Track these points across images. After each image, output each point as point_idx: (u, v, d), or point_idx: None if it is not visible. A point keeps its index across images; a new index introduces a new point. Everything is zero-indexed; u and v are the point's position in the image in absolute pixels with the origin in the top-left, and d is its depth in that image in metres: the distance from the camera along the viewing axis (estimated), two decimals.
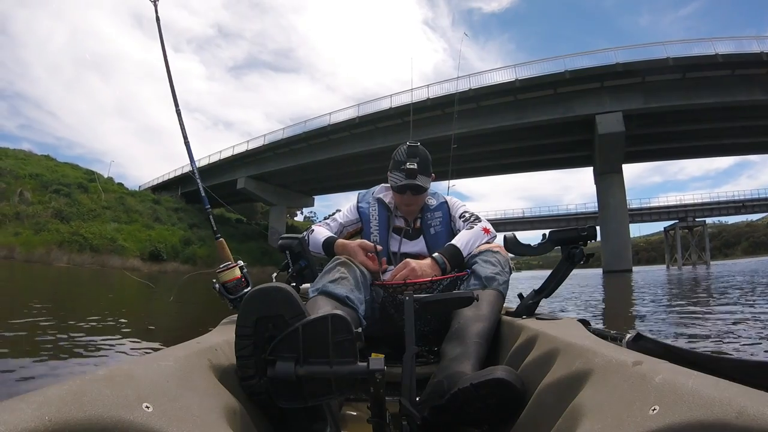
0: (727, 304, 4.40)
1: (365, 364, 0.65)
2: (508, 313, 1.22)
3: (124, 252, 22.23)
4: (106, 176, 33.72)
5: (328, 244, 1.35)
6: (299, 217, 52.75)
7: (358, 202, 1.54)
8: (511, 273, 1.25)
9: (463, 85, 20.43)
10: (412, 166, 1.35)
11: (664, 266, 42.18)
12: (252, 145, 29.97)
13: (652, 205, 41.13)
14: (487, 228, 1.35)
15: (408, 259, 1.20)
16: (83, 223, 22.79)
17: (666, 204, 40.88)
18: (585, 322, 1.03)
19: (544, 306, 1.26)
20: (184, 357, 0.65)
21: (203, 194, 1.38)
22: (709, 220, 41.82)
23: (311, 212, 54.26)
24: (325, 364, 0.65)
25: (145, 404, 0.47)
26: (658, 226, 43.14)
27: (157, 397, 0.50)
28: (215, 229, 1.31)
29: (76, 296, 6.32)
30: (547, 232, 1.20)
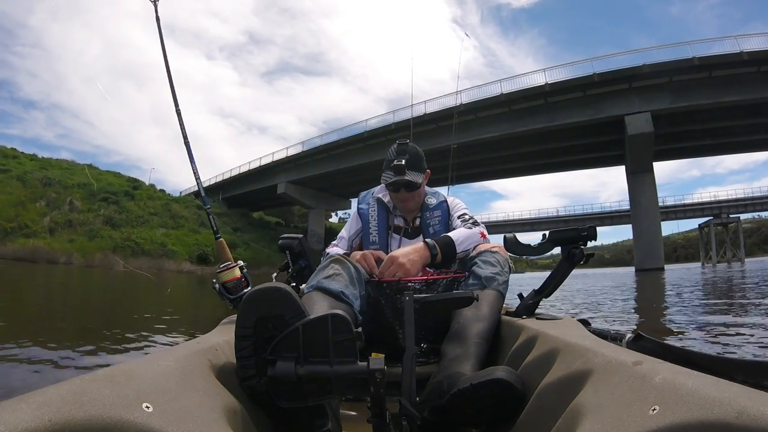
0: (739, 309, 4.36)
1: (365, 363, 0.65)
2: (508, 313, 1.22)
3: (175, 256, 23.20)
4: (147, 183, 34.87)
5: None
6: (333, 219, 53.59)
7: (358, 203, 1.55)
8: (510, 273, 1.25)
9: (495, 90, 21.40)
10: (399, 163, 1.35)
11: (699, 264, 41.34)
12: (291, 152, 31.23)
13: (686, 201, 40.40)
14: (484, 233, 1.35)
15: (392, 254, 1.16)
16: (133, 229, 24.12)
17: (700, 200, 40.02)
18: (585, 322, 1.03)
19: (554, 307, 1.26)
20: (184, 357, 0.65)
21: (203, 194, 1.39)
22: (746, 216, 40.24)
23: (345, 213, 55.29)
24: (326, 364, 0.65)
25: (145, 404, 0.47)
26: (696, 222, 42.29)
27: (157, 397, 0.50)
28: (215, 229, 1.31)
29: (142, 298, 6.69)
30: (547, 232, 1.20)
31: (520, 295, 1.25)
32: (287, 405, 0.68)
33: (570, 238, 1.17)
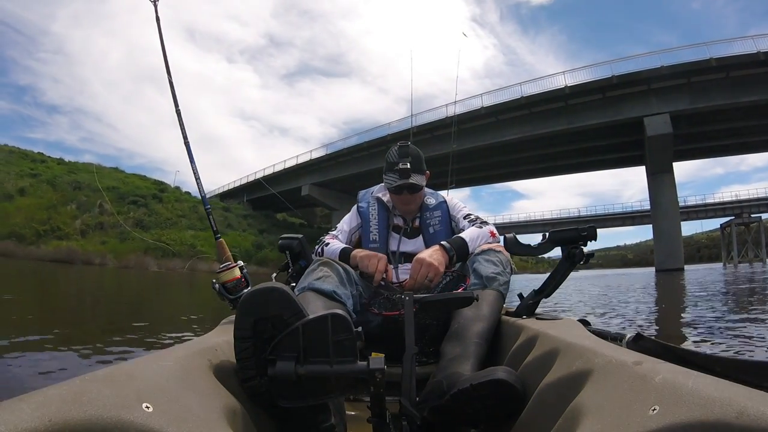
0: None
1: (365, 363, 0.65)
2: (508, 313, 1.22)
3: (205, 257, 23.64)
4: (172, 185, 35.73)
5: (345, 254, 1.34)
6: None
7: (358, 202, 1.55)
8: (512, 273, 1.25)
9: (515, 93, 21.96)
10: (405, 166, 1.35)
11: (720, 264, 40.99)
12: (315, 155, 32.32)
13: (708, 201, 39.72)
14: (494, 232, 1.36)
15: (419, 257, 1.18)
16: (162, 231, 24.91)
17: (721, 200, 39.45)
18: (585, 322, 1.03)
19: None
20: (184, 357, 0.65)
21: (203, 194, 1.39)
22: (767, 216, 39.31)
23: None
24: (326, 364, 0.65)
25: (145, 404, 0.47)
26: (718, 222, 42.33)
27: (157, 397, 0.50)
28: (215, 229, 1.31)
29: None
30: (547, 232, 1.20)
31: (521, 295, 1.25)
32: (288, 405, 0.68)
33: (570, 238, 1.17)
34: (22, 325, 3.03)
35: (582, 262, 1.17)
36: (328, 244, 1.44)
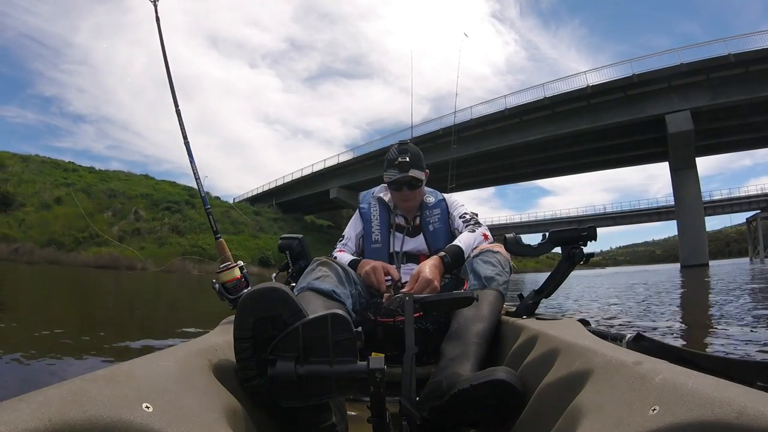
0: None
1: (365, 363, 0.65)
2: (508, 313, 1.22)
3: (239, 260, 24.76)
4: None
5: (353, 265, 1.33)
6: None
7: (359, 203, 1.56)
8: (511, 273, 1.25)
9: (538, 93, 22.47)
10: (403, 160, 1.37)
11: (747, 259, 40.54)
12: (342, 158, 33.20)
13: (733, 195, 39.50)
14: (487, 234, 1.37)
15: (420, 270, 1.18)
16: (197, 236, 25.49)
17: (746, 194, 39.11)
18: (585, 322, 1.03)
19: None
20: (184, 357, 0.65)
21: (203, 195, 1.39)
22: None
23: None
24: (326, 364, 0.65)
25: (145, 404, 0.47)
26: (745, 216, 41.96)
27: (157, 397, 0.50)
28: (215, 229, 1.32)
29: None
30: (547, 232, 1.20)
31: (520, 295, 1.25)
32: (288, 405, 0.68)
33: (570, 239, 1.17)
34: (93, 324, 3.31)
35: (582, 262, 1.17)
36: (337, 258, 1.41)
